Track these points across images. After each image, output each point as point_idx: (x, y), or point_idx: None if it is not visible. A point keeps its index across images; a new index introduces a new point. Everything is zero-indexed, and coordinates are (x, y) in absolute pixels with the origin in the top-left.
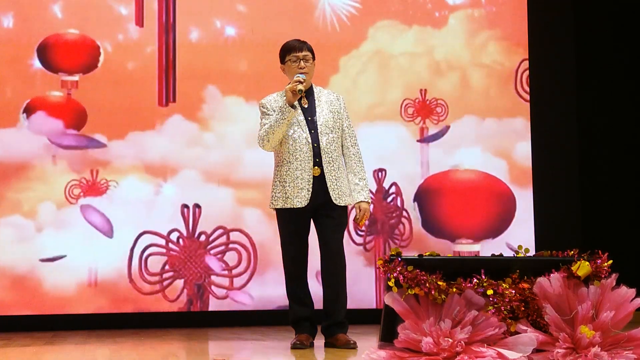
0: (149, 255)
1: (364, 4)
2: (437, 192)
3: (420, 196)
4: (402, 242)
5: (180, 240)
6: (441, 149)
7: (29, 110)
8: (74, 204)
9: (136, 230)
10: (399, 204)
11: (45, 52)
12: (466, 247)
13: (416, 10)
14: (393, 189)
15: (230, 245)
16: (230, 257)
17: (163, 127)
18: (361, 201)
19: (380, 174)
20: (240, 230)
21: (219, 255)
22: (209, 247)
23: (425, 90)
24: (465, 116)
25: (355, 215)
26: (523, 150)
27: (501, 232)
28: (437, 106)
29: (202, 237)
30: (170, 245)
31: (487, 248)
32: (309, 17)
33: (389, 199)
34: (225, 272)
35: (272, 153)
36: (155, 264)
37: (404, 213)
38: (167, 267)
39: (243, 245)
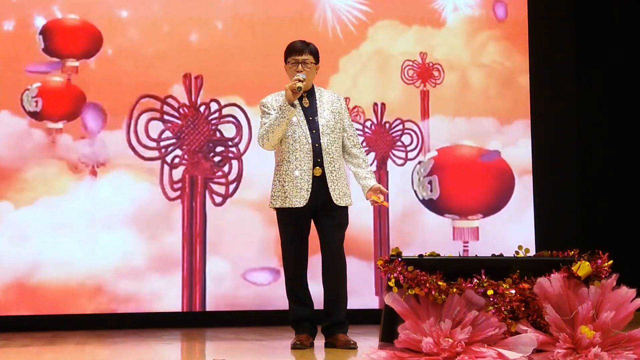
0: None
1: (364, 4)
2: (436, 168)
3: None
4: (408, 152)
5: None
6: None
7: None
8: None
9: None
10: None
11: (45, 37)
12: (465, 223)
13: (416, 10)
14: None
15: None
16: None
17: None
18: (372, 185)
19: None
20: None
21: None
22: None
23: (426, 53)
24: (464, 116)
25: (373, 195)
26: (523, 151)
27: (500, 208)
28: (433, 69)
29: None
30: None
31: (486, 224)
32: (309, 18)
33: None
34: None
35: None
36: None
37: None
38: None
39: None
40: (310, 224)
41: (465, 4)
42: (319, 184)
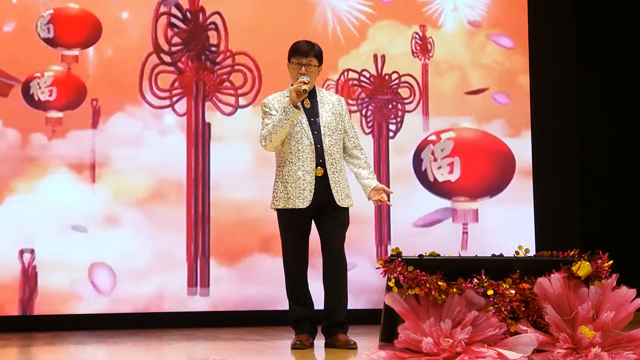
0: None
1: (364, 4)
2: (421, 152)
3: (415, 156)
4: (407, 106)
5: None
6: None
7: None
8: None
9: None
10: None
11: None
12: (465, 205)
13: (416, 10)
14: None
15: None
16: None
17: None
18: (375, 186)
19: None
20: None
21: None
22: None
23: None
24: (464, 116)
25: (377, 195)
26: (523, 151)
27: (500, 191)
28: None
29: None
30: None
31: (485, 206)
32: (309, 18)
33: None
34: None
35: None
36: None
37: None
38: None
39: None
40: (311, 225)
41: (465, 4)
42: (321, 185)
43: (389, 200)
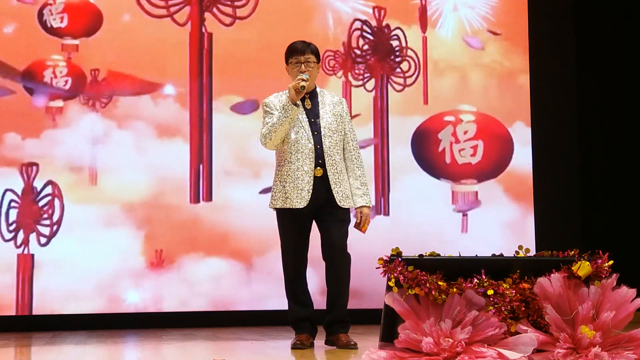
0: None
1: (364, 4)
2: (437, 133)
3: (420, 137)
4: (406, 79)
5: None
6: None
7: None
8: None
9: None
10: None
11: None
12: (465, 187)
13: (416, 10)
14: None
15: None
16: None
17: None
18: (363, 206)
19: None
20: None
21: None
22: None
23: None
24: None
25: (357, 221)
26: (523, 151)
27: (499, 172)
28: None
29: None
30: None
31: (485, 189)
32: (308, 18)
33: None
34: None
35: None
36: None
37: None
38: None
39: None
40: (311, 225)
41: (464, 3)
42: (320, 185)
43: (364, 226)
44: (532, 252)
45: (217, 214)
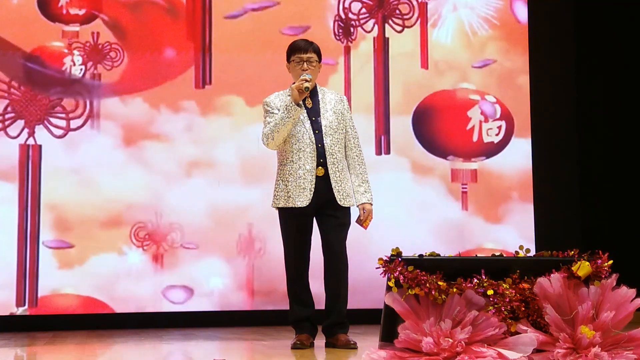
0: None
1: (364, 3)
2: (436, 111)
3: (420, 114)
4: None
5: None
6: None
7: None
8: None
9: None
10: None
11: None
12: (464, 165)
13: (416, 10)
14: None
15: None
16: None
17: None
18: (364, 202)
19: None
20: None
21: None
22: None
23: None
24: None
25: (359, 216)
26: (523, 151)
27: (499, 151)
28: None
29: None
30: None
31: (484, 167)
32: (308, 18)
33: None
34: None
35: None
36: None
37: None
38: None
39: None
40: (313, 224)
41: (464, 3)
42: (322, 184)
43: (365, 222)
44: (532, 252)
45: (217, 213)
